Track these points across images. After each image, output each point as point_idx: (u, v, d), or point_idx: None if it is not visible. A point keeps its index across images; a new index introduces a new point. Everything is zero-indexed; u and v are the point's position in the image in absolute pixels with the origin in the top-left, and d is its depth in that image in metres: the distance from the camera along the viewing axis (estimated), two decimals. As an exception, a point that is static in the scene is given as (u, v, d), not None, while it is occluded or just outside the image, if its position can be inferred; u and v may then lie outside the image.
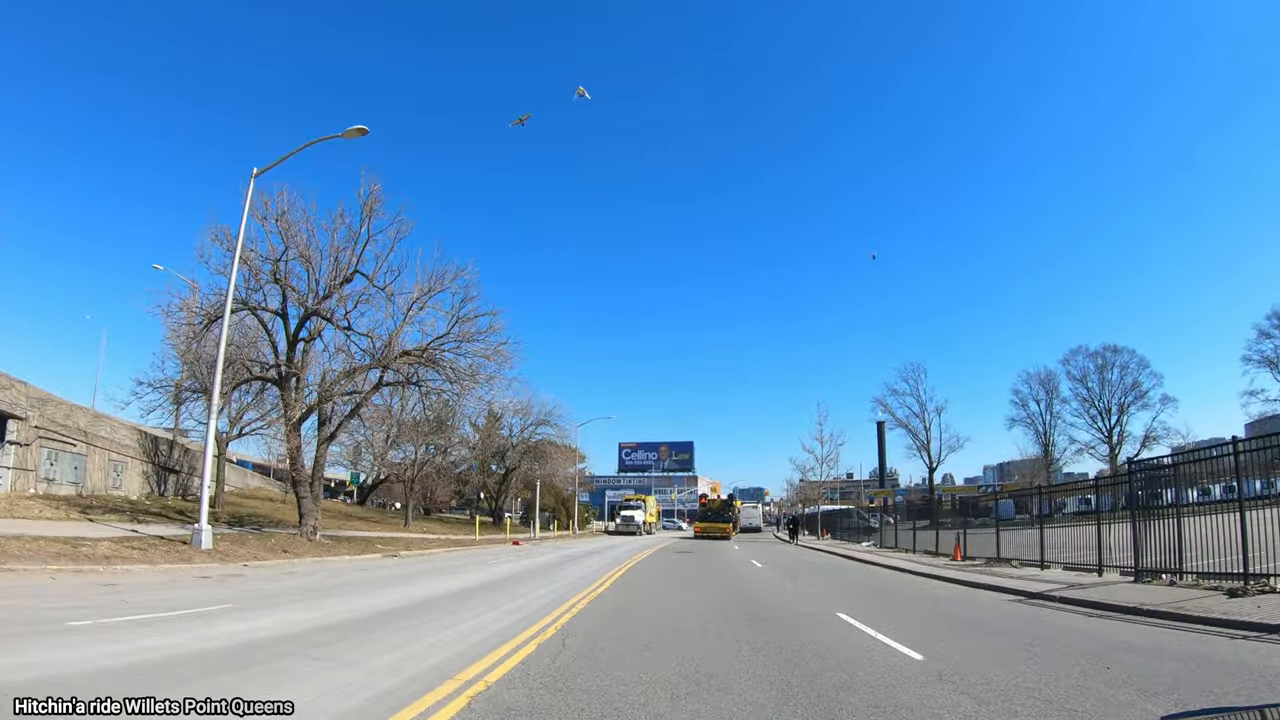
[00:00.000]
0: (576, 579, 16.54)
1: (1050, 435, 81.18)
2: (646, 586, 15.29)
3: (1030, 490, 32.46)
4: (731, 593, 14.33)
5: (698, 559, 26.63)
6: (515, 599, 12.19)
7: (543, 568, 20.05)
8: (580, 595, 12.87)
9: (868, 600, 13.11)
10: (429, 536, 33.80)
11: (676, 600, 12.77)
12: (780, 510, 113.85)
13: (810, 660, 6.80)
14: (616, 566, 20.59)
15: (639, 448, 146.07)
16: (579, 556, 25.59)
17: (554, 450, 58.65)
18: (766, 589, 15.15)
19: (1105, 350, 76.48)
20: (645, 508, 66.19)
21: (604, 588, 14.45)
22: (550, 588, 14.30)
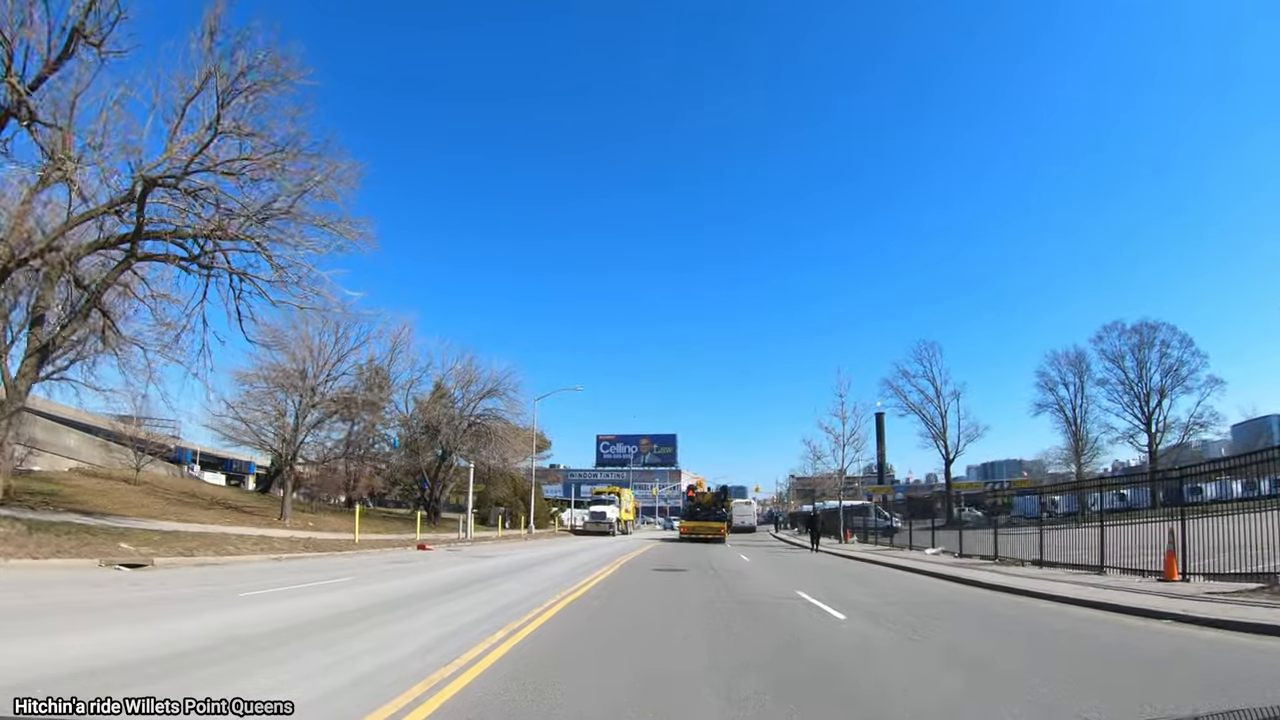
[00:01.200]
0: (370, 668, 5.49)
1: (1082, 423, 72.05)
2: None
3: (1057, 487, 29.89)
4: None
5: (694, 589, 13.24)
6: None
7: (323, 623, 8.74)
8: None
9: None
10: (273, 534, 22.60)
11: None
12: (776, 507, 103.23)
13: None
14: (527, 615, 9.16)
15: (618, 440, 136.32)
16: (482, 580, 14.17)
17: (506, 432, 47.43)
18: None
19: (1142, 327, 67.27)
20: (619, 502, 55.17)
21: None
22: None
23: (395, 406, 47.46)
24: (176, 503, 29.76)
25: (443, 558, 21.15)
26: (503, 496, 59.27)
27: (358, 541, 24.36)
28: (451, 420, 43.76)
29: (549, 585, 13.03)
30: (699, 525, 41.16)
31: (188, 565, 14.02)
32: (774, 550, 32.34)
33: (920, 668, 6.16)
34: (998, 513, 26.53)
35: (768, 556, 26.21)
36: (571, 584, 13.30)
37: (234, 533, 20.80)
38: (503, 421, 46.02)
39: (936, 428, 72.74)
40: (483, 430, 45.33)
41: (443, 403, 46.27)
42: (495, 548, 28.77)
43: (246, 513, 32.78)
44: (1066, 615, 9.82)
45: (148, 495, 29.67)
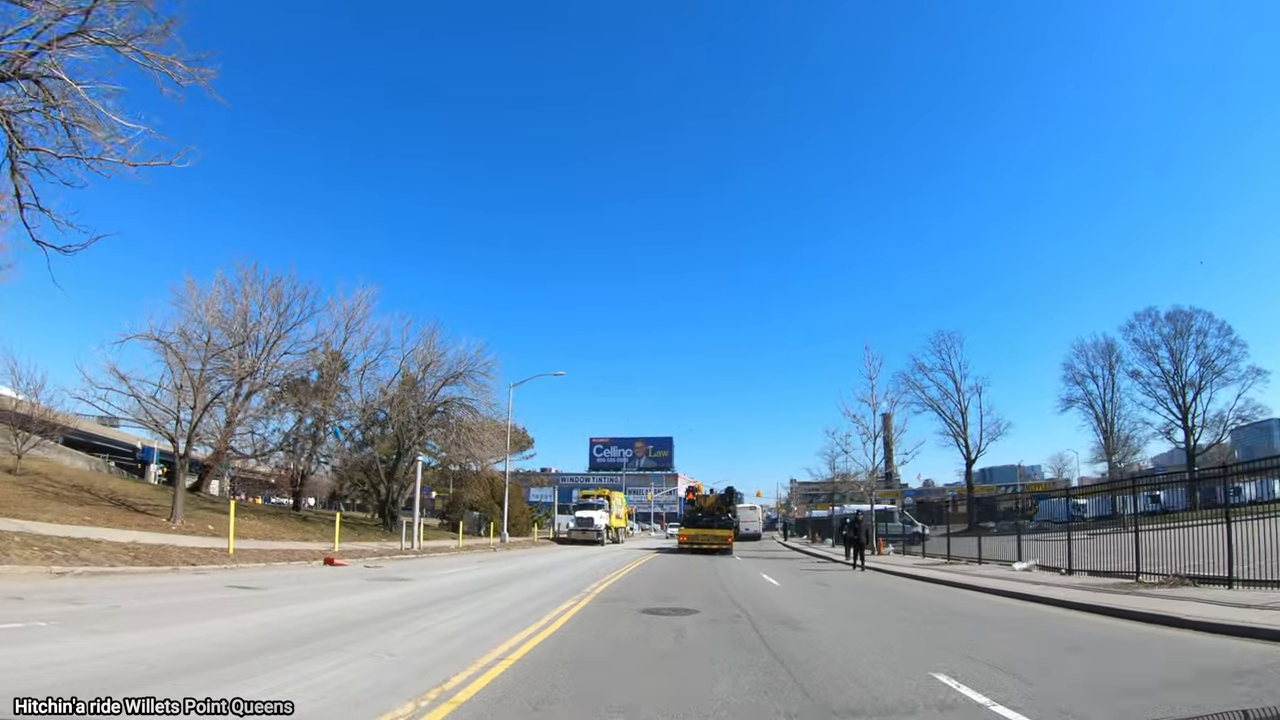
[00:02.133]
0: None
1: (1114, 418, 65.85)
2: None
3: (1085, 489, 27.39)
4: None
5: (722, 672, 6.06)
6: None
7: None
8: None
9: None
10: (145, 540, 15.78)
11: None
12: (778, 513, 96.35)
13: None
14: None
15: (612, 443, 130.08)
16: (292, 644, 7.55)
17: (478, 426, 40.55)
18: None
19: (1177, 314, 61.60)
20: (609, 506, 48.30)
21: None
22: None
23: (350, 396, 40.61)
24: (54, 498, 23.16)
25: (325, 582, 14.37)
26: (478, 500, 52.52)
27: (233, 552, 17.56)
28: (406, 409, 36.91)
29: (421, 663, 6.30)
30: (701, 534, 34.45)
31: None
32: (799, 566, 25.57)
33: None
34: (1015, 518, 25.02)
35: (800, 578, 19.41)
36: (476, 656, 6.61)
37: (77, 536, 14.15)
38: (471, 411, 39.18)
39: (957, 425, 66.63)
40: (448, 422, 38.49)
41: (413, 394, 39.51)
42: (437, 564, 21.97)
43: (139, 511, 26.02)
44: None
45: (17, 488, 23.19)
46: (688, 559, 28.54)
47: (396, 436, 39.14)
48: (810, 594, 14.27)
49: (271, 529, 30.11)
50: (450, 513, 53.04)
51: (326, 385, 37.82)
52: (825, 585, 16.51)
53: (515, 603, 11.26)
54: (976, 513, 39.16)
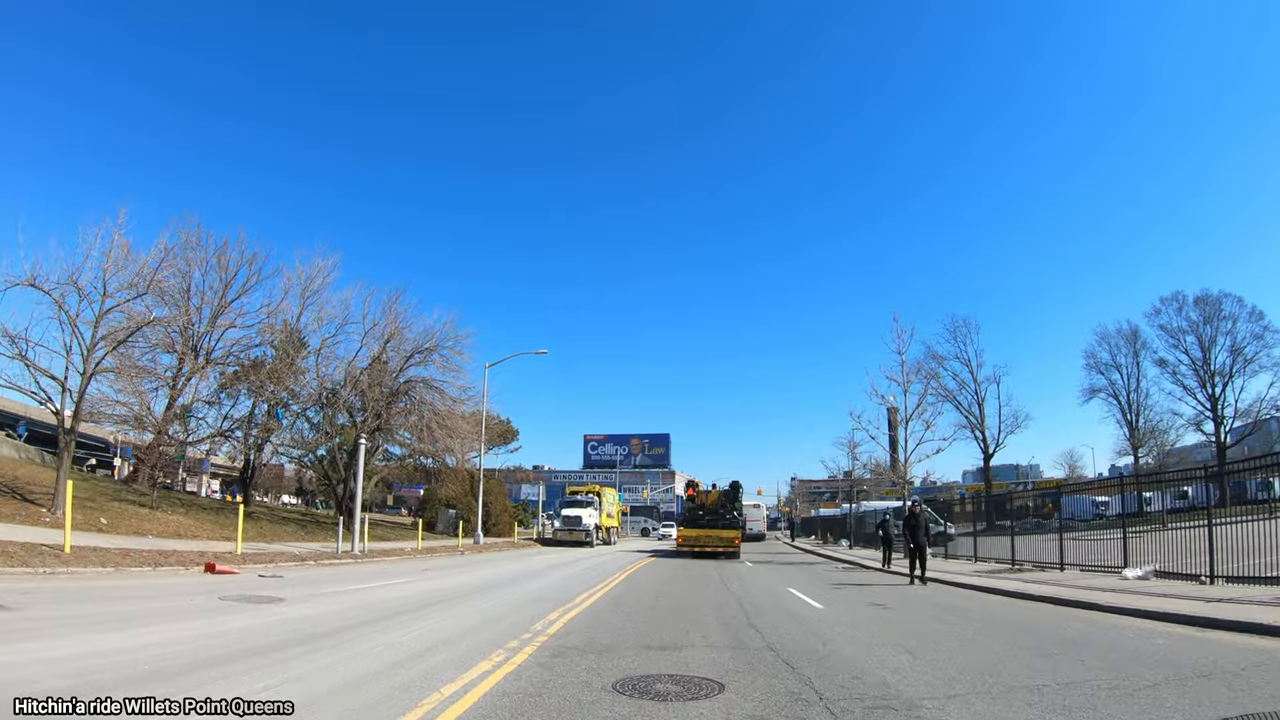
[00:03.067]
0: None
1: (1138, 409, 61.45)
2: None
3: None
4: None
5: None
6: None
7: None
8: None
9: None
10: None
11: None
12: (781, 511, 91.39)
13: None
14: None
15: (607, 440, 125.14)
16: None
17: (448, 412, 35.51)
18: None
19: (1205, 299, 57.19)
20: (599, 504, 43.40)
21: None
22: None
23: (308, 378, 35.49)
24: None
25: (145, 601, 9.44)
26: (455, 497, 47.39)
27: (69, 551, 12.67)
28: (362, 390, 31.92)
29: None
30: (703, 534, 29.53)
31: None
32: (827, 574, 20.63)
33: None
34: (1028, 516, 23.72)
35: (843, 595, 14.32)
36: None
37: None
38: (439, 392, 34.17)
39: (974, 417, 61.94)
40: (417, 408, 33.47)
41: (369, 372, 34.48)
42: (364, 574, 17.00)
43: (28, 500, 21.28)
44: None
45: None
46: (689, 566, 23.66)
47: (354, 422, 34.13)
48: (882, 628, 9.33)
49: (195, 525, 25.27)
50: (424, 510, 48.07)
51: (283, 365, 32.74)
52: (886, 608, 11.57)
53: (394, 661, 6.29)
54: (994, 511, 35.16)
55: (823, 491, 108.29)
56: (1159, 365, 58.48)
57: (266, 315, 32.78)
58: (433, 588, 13.83)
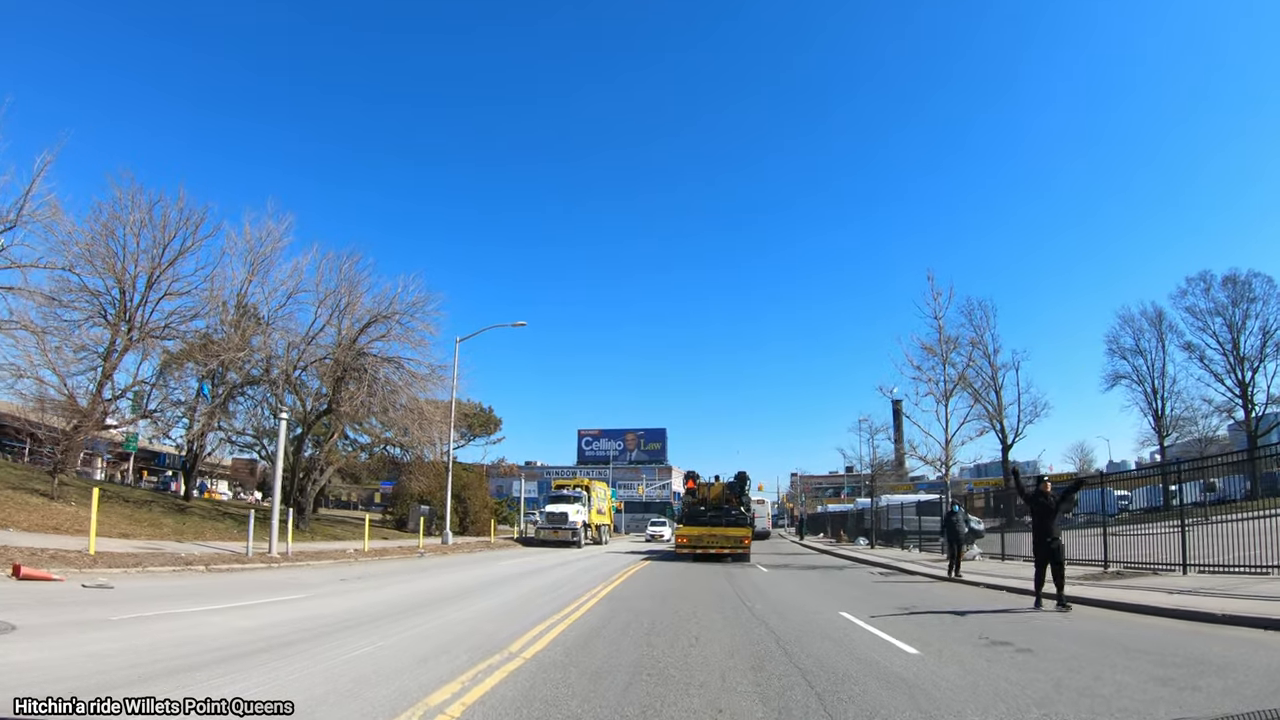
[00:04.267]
0: None
1: (1164, 396, 57.39)
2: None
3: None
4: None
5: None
6: None
7: None
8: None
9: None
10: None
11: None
12: (788, 508, 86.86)
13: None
14: None
15: (601, 435, 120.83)
16: None
17: (411, 391, 30.88)
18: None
19: (1234, 280, 53.19)
20: (588, 499, 38.83)
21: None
22: None
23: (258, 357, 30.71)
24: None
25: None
26: (429, 491, 42.74)
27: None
28: (304, 364, 27.28)
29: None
30: (707, 534, 24.95)
31: None
32: (886, 591, 15.86)
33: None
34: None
35: (942, 633, 9.24)
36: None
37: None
38: (397, 365, 29.51)
39: (991, 406, 57.81)
40: (370, 384, 28.75)
41: (313, 345, 29.81)
42: (266, 582, 12.50)
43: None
44: None
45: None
46: (691, 573, 19.14)
47: (301, 403, 29.57)
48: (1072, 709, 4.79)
49: (101, 520, 20.77)
50: (394, 506, 43.44)
51: (238, 341, 28.06)
52: (1034, 655, 6.90)
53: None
54: (1012, 508, 31.02)
55: (826, 487, 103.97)
56: (1185, 350, 54.54)
57: (205, 281, 28.18)
58: (317, 612, 9.28)
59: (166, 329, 27.64)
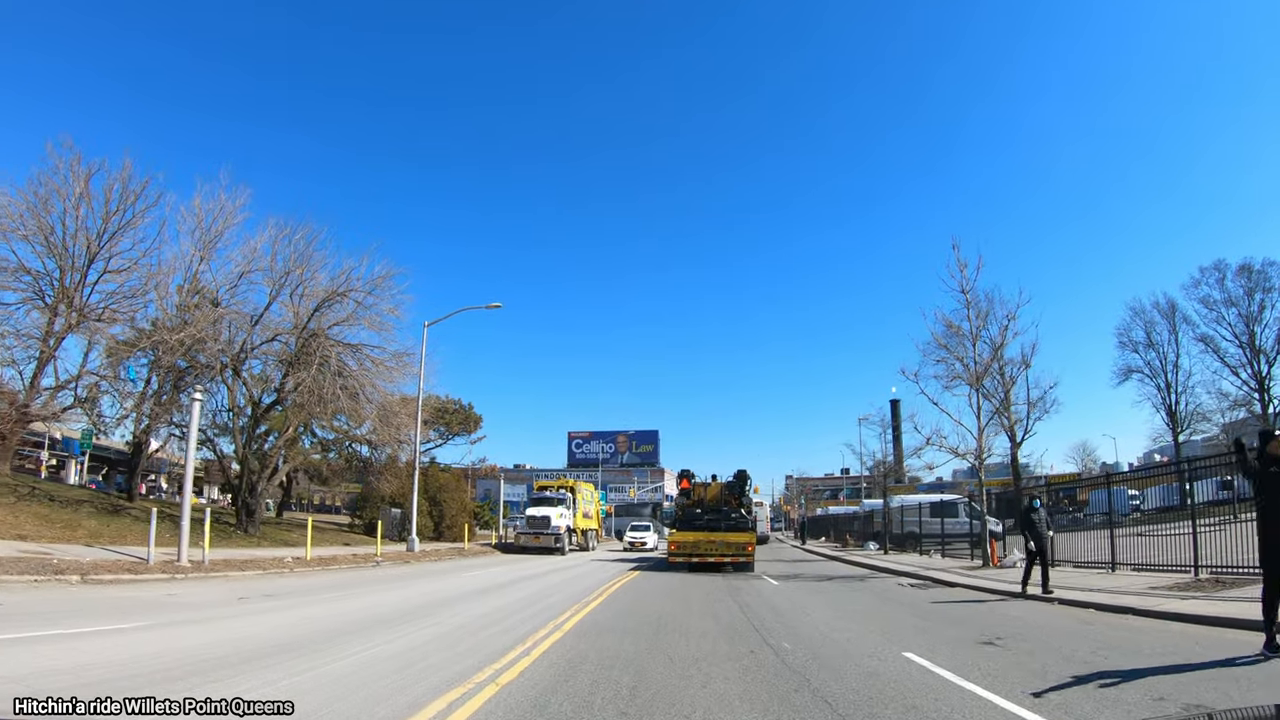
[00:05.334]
0: None
1: (1178, 390, 54.89)
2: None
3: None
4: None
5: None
6: None
7: None
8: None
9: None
10: None
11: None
12: (785, 511, 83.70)
13: None
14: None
15: (592, 437, 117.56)
16: None
17: (370, 379, 27.53)
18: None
19: (1249, 269, 50.85)
20: (573, 502, 35.61)
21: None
22: None
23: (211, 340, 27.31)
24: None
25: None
26: (401, 493, 39.38)
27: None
28: (246, 351, 23.97)
29: None
30: (705, 539, 21.72)
31: None
32: (950, 616, 12.74)
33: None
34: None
35: (1094, 703, 6.47)
36: None
37: None
38: (356, 351, 26.22)
39: (997, 401, 55.18)
40: (324, 370, 25.39)
41: (255, 327, 26.49)
42: (142, 601, 9.28)
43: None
44: None
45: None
46: (688, 588, 15.98)
47: (248, 393, 26.20)
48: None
49: (9, 521, 17.87)
50: (362, 509, 40.04)
51: (186, 325, 24.76)
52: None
53: None
54: (1006, 509, 28.41)
55: (823, 490, 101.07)
56: (1201, 342, 51.98)
57: (145, 258, 24.96)
58: (145, 650, 6.06)
59: (106, 311, 24.48)
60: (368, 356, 26.65)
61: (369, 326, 26.76)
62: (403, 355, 28.75)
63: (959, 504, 32.48)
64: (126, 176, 24.04)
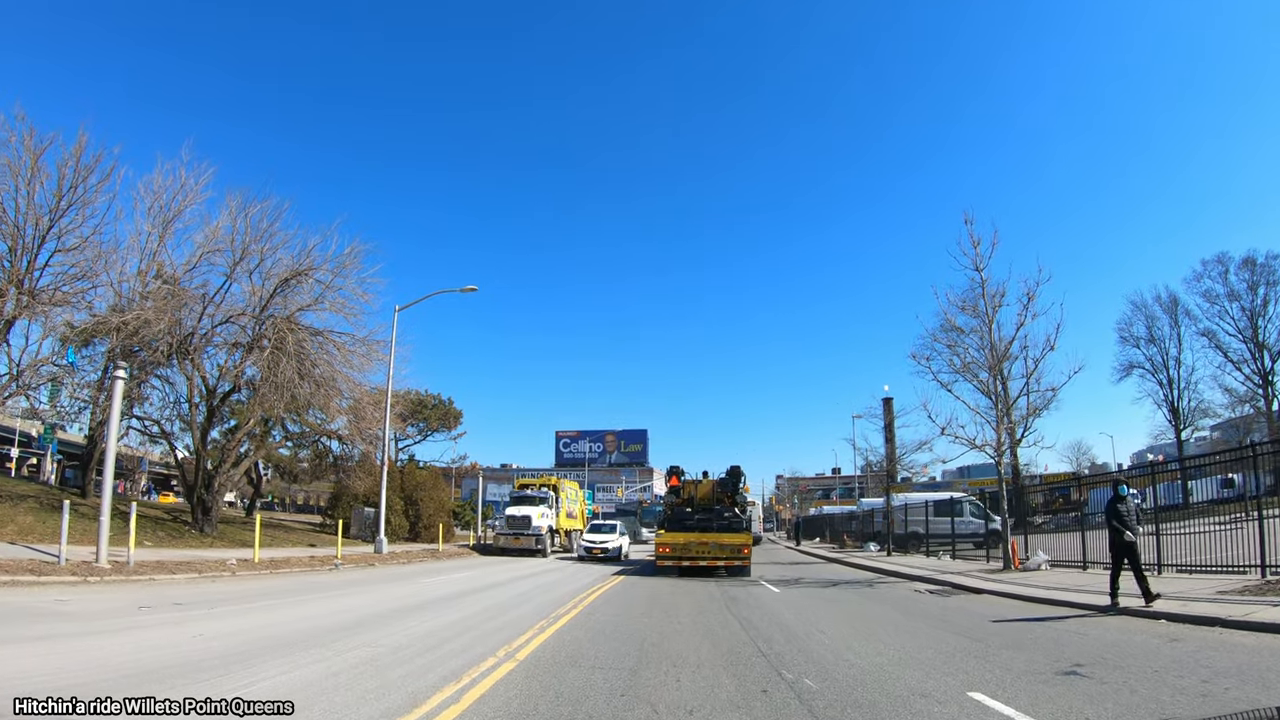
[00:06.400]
0: None
1: (1180, 386, 53.62)
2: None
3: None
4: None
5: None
6: None
7: None
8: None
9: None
10: None
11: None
12: (777, 511, 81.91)
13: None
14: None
15: (580, 436, 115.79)
16: None
17: (332, 367, 25.38)
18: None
19: (1252, 262, 49.48)
20: (556, 501, 33.60)
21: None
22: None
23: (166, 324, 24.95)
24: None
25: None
26: (375, 492, 37.23)
27: None
28: (193, 332, 21.83)
29: None
30: (696, 541, 19.76)
31: None
32: (1011, 639, 10.90)
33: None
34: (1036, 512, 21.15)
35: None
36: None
37: None
38: (319, 336, 24.11)
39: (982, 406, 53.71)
40: (282, 353, 23.19)
41: (193, 302, 24.28)
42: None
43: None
44: None
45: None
46: (679, 598, 14.07)
47: (204, 381, 24.03)
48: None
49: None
50: (334, 508, 37.83)
51: (144, 309, 22.64)
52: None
53: None
54: (1023, 507, 26.88)
55: (815, 489, 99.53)
56: (1204, 337, 50.68)
57: (95, 234, 22.75)
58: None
59: (57, 293, 22.29)
60: (332, 342, 24.56)
61: (334, 310, 24.69)
62: (373, 343, 26.66)
63: (964, 502, 30.83)
64: (80, 150, 21.94)
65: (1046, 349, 18.23)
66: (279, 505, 74.36)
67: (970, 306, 19.89)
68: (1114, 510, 10.17)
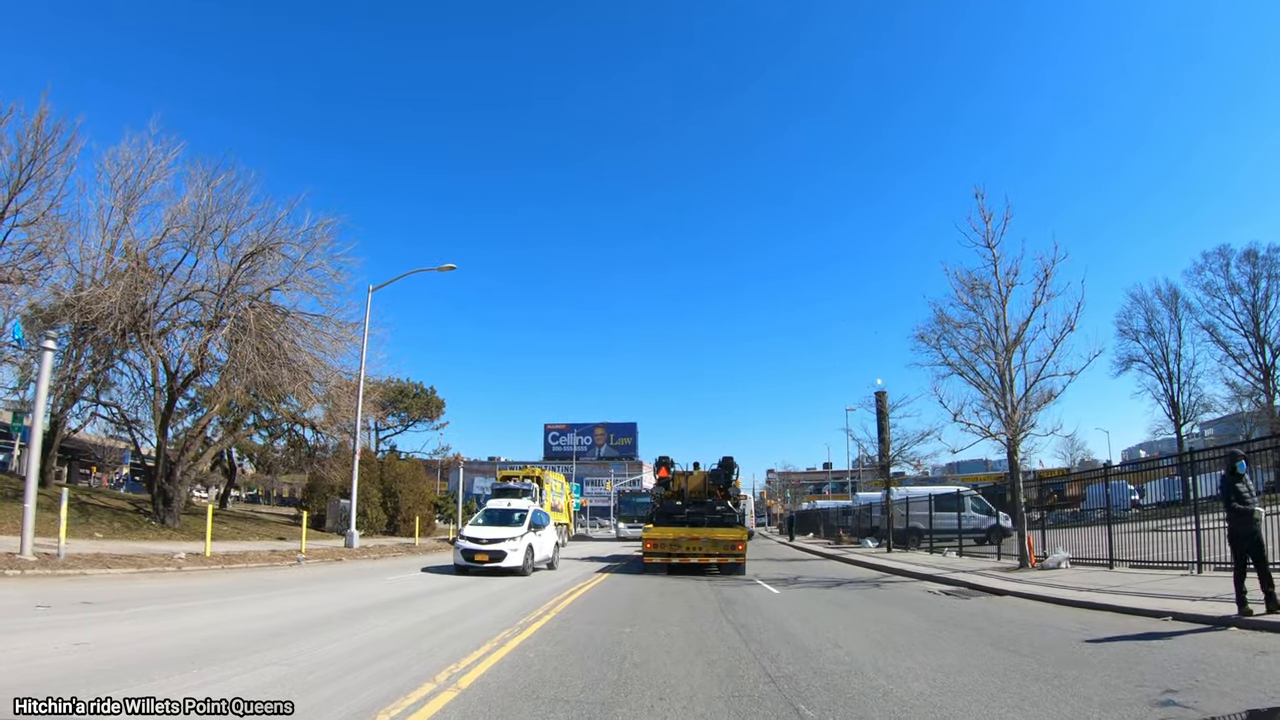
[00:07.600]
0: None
1: (1181, 381, 52.75)
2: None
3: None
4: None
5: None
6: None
7: None
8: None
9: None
10: None
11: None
12: (769, 506, 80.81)
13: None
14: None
15: (569, 429, 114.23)
16: None
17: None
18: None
19: (1253, 255, 48.38)
20: (540, 494, 32.19)
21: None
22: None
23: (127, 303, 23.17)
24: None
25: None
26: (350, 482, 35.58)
27: None
28: (148, 309, 20.20)
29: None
30: (687, 536, 18.34)
31: None
32: (1145, 677, 9.48)
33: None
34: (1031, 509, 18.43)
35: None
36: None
37: None
38: (286, 315, 22.54)
39: (994, 390, 52.71)
40: (244, 333, 21.52)
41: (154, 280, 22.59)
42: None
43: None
44: None
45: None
46: (668, 599, 12.68)
47: (166, 367, 22.41)
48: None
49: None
50: (309, 500, 36.20)
51: (104, 289, 21.08)
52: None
53: None
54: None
55: (806, 484, 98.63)
56: (1205, 330, 49.81)
57: (52, 207, 21.02)
58: None
59: (13, 270, 20.59)
60: (300, 321, 23.00)
61: (305, 289, 23.11)
62: (346, 325, 25.14)
63: (967, 496, 29.63)
64: (41, 120, 20.19)
65: (1065, 329, 16.93)
66: (263, 498, 72.51)
67: (982, 285, 18.59)
68: (1233, 489, 8.03)
